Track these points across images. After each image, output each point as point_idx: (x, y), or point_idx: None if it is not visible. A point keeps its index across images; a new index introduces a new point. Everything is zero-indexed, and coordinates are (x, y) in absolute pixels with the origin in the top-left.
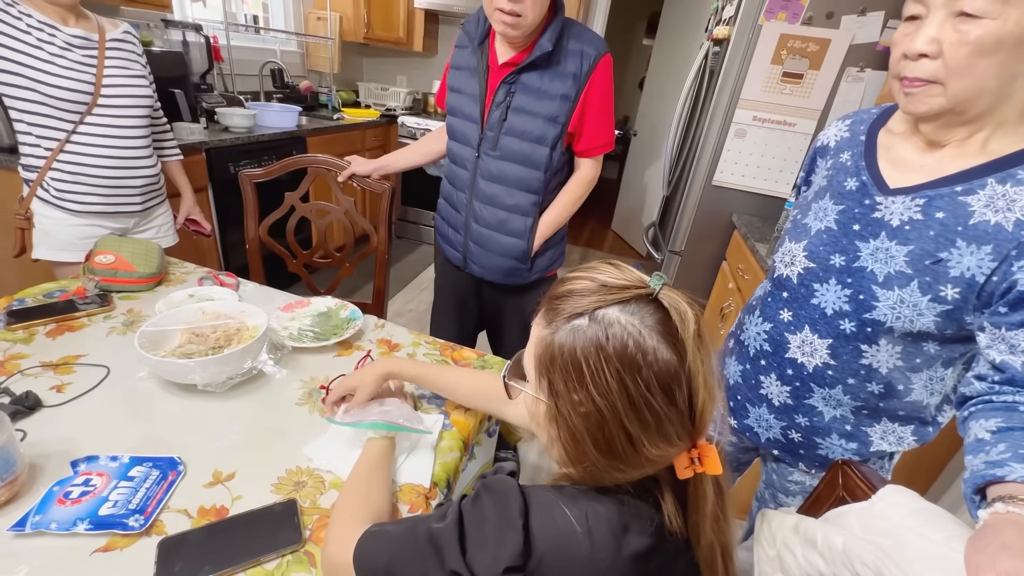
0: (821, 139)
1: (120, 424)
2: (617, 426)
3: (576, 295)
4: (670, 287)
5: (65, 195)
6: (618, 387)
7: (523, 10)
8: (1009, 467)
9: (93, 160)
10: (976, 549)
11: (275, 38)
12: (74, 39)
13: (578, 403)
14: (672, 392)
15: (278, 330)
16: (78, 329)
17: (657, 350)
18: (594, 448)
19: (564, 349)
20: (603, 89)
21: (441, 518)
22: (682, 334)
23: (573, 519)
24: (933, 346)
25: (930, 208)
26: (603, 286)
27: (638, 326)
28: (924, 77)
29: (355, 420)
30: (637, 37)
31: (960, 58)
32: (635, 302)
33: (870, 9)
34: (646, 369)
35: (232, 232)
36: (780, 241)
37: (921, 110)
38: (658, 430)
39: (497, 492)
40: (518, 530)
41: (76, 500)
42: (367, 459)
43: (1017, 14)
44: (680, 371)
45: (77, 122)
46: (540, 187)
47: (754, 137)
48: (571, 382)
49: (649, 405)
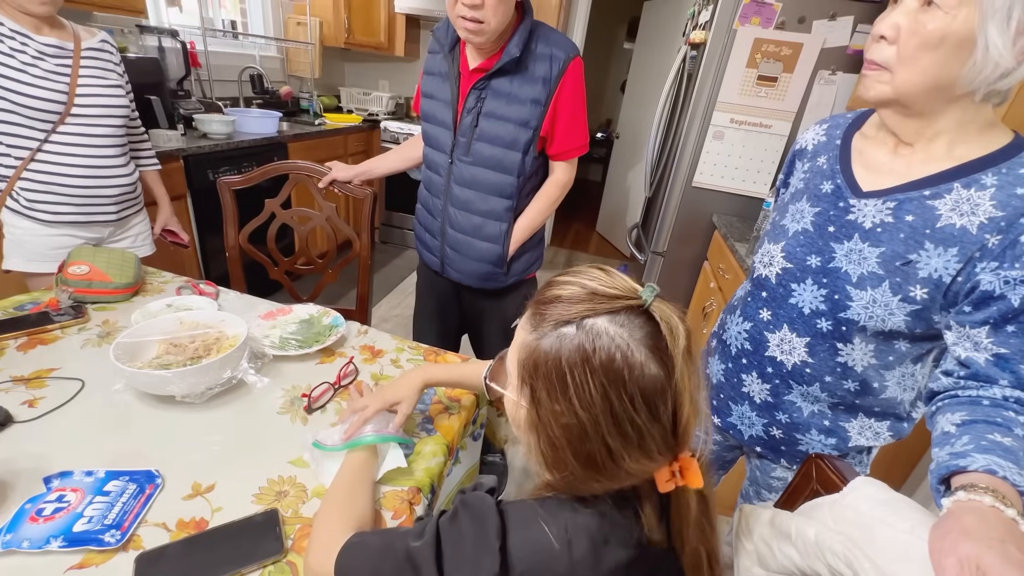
0: (799, 142)
1: (95, 438)
2: (598, 440)
3: (564, 301)
4: (662, 299)
5: (36, 205)
6: (602, 401)
7: (484, 16)
8: (971, 458)
9: (66, 170)
10: (939, 535)
11: (254, 43)
12: (47, 48)
13: (560, 413)
14: (656, 408)
15: (259, 338)
16: (51, 342)
17: (644, 365)
18: (573, 459)
19: (549, 357)
20: (574, 92)
21: (419, 535)
22: (671, 349)
23: (552, 536)
24: (904, 344)
25: (900, 211)
26: (593, 293)
27: (626, 339)
28: (879, 61)
29: (353, 440)
30: (618, 41)
31: (910, 47)
32: (625, 313)
33: (840, 14)
34: (631, 384)
35: (212, 240)
36: (759, 242)
37: (870, 95)
38: (640, 445)
39: (474, 510)
40: (495, 552)
41: (49, 517)
42: (349, 467)
43: (966, 13)
44: (666, 387)
45: (49, 131)
46: (514, 192)
47: (732, 139)
48: (554, 392)
49: (632, 421)
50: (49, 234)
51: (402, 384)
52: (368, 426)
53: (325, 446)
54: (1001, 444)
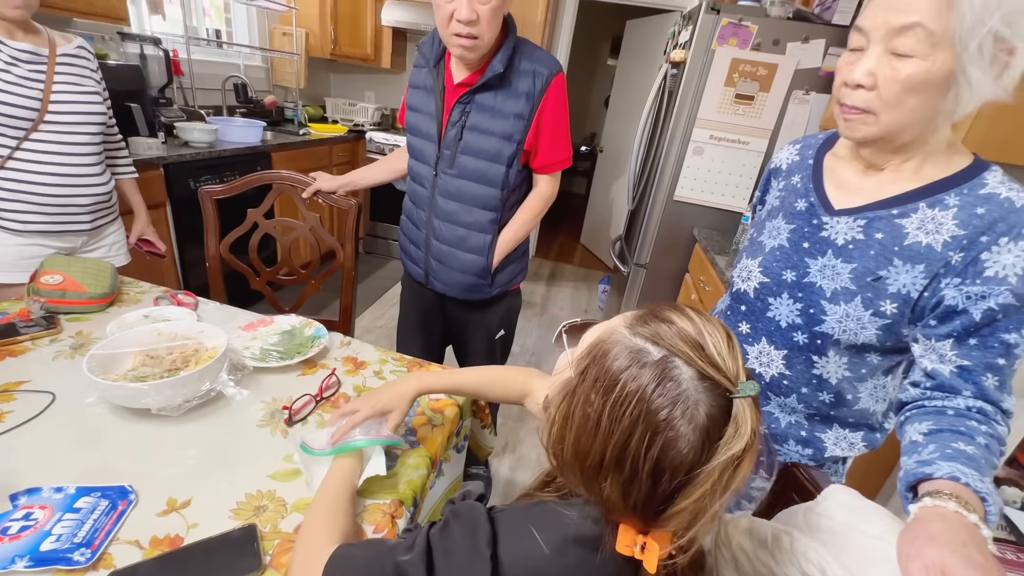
0: (774, 161)
1: (66, 453)
2: (599, 447)
3: (674, 328)
4: (752, 403)
5: (6, 214)
6: (627, 427)
7: (480, 32)
8: (936, 465)
9: (38, 177)
10: (906, 541)
11: (239, 52)
12: (20, 53)
13: (589, 402)
14: (661, 474)
15: (239, 350)
16: (20, 354)
17: (685, 437)
18: (572, 444)
19: (619, 357)
20: (557, 107)
21: (409, 548)
22: (719, 445)
23: (542, 542)
24: (875, 356)
25: (870, 229)
26: (701, 347)
27: (692, 405)
28: (860, 106)
29: (341, 444)
30: (602, 57)
31: (892, 93)
32: (711, 384)
33: (812, 37)
34: (659, 437)
35: (191, 250)
36: (738, 257)
37: (856, 136)
38: (623, 483)
39: (465, 520)
40: (486, 560)
41: (15, 536)
42: (335, 476)
43: (943, 57)
44: (687, 469)
45: (21, 138)
46: (498, 204)
47: (711, 155)
48: (600, 383)
49: (634, 461)
50: (19, 243)
51: (395, 392)
52: (357, 430)
53: (312, 450)
54: (964, 452)
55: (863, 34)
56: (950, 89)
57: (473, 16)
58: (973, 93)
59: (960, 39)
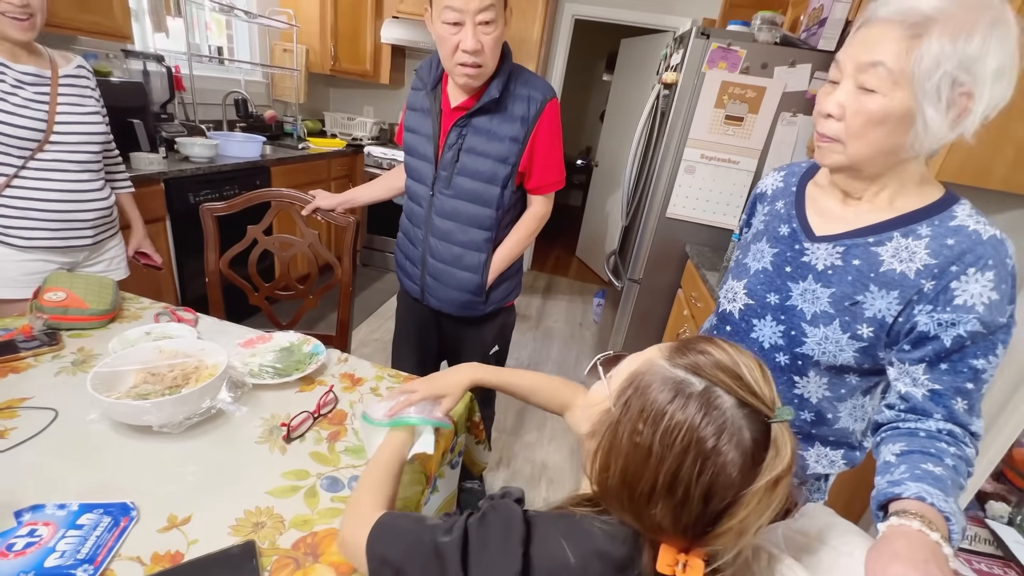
0: (760, 187)
1: (69, 470)
2: (651, 474)
3: (712, 359)
4: (787, 427)
5: (11, 231)
6: (680, 452)
7: (484, 60)
8: (905, 485)
9: (42, 195)
10: (873, 558)
11: (240, 68)
12: (25, 76)
13: (638, 432)
14: (712, 496)
15: (238, 367)
16: (23, 370)
17: (730, 463)
18: (620, 472)
19: (664, 389)
20: (550, 131)
21: (447, 531)
22: (762, 467)
23: (569, 551)
24: (854, 378)
25: (848, 255)
26: (739, 377)
27: (735, 432)
28: (830, 135)
29: (397, 419)
30: (598, 72)
31: (856, 124)
32: (750, 411)
33: (799, 62)
34: (710, 463)
35: (190, 263)
36: (724, 278)
37: (826, 162)
38: (675, 508)
39: (502, 516)
40: (518, 556)
41: (20, 552)
42: (389, 447)
43: (901, 95)
44: (732, 491)
45: (27, 158)
46: (493, 224)
47: (703, 173)
48: (646, 415)
49: (687, 486)
50: (23, 259)
51: (451, 379)
52: (412, 408)
53: (372, 420)
54: (932, 473)
55: (839, 67)
56: (910, 126)
57: (478, 46)
58: (928, 132)
59: (917, 80)
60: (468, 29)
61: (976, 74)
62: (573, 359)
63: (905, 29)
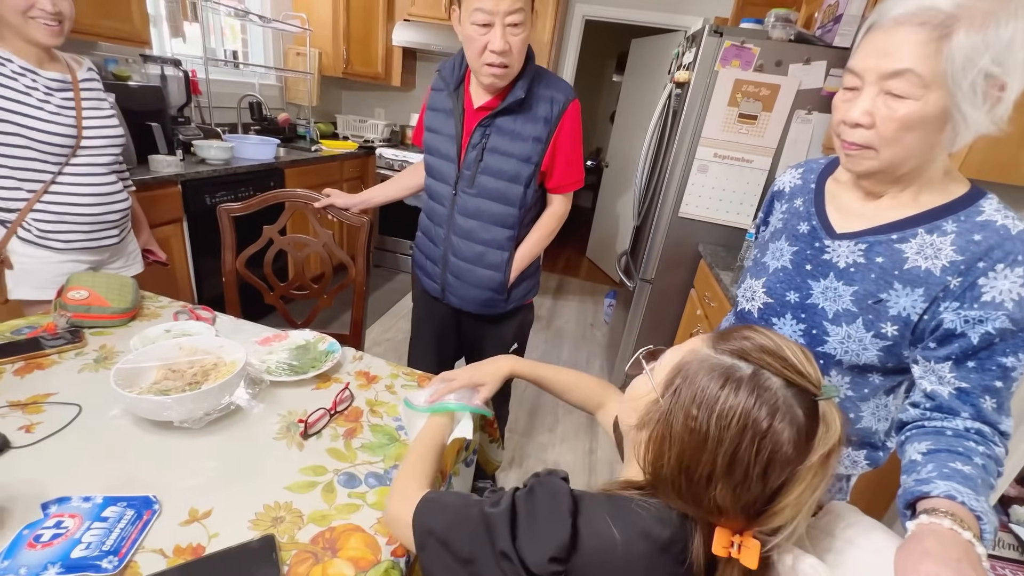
0: (777, 184)
1: (93, 464)
2: (709, 456)
3: (755, 345)
4: (834, 404)
5: (49, 235)
6: (736, 433)
7: (511, 61)
8: (934, 484)
9: (77, 199)
10: (902, 556)
11: (254, 72)
12: (52, 83)
13: (692, 417)
14: (771, 473)
15: (256, 364)
16: (48, 367)
17: (786, 441)
18: (676, 458)
19: (713, 375)
20: (572, 131)
21: (495, 504)
22: (815, 442)
23: (615, 528)
24: (877, 377)
25: (871, 253)
26: (783, 359)
27: (787, 410)
28: (860, 143)
29: (437, 404)
30: (607, 73)
31: (890, 131)
32: (798, 390)
33: (814, 59)
34: (768, 440)
35: (206, 263)
36: (742, 277)
37: (858, 169)
38: (735, 488)
39: (549, 489)
40: (567, 526)
41: (47, 543)
42: (431, 430)
43: (935, 97)
44: (788, 467)
45: (63, 164)
46: (515, 222)
47: (715, 172)
48: (699, 400)
49: (747, 465)
50: (59, 261)
51: (490, 368)
52: (452, 395)
53: (414, 405)
54: (961, 472)
55: (857, 75)
56: (946, 124)
57: (506, 47)
58: (969, 128)
59: (952, 79)
60: (497, 30)
61: (1006, 63)
62: (584, 360)
63: (929, 30)
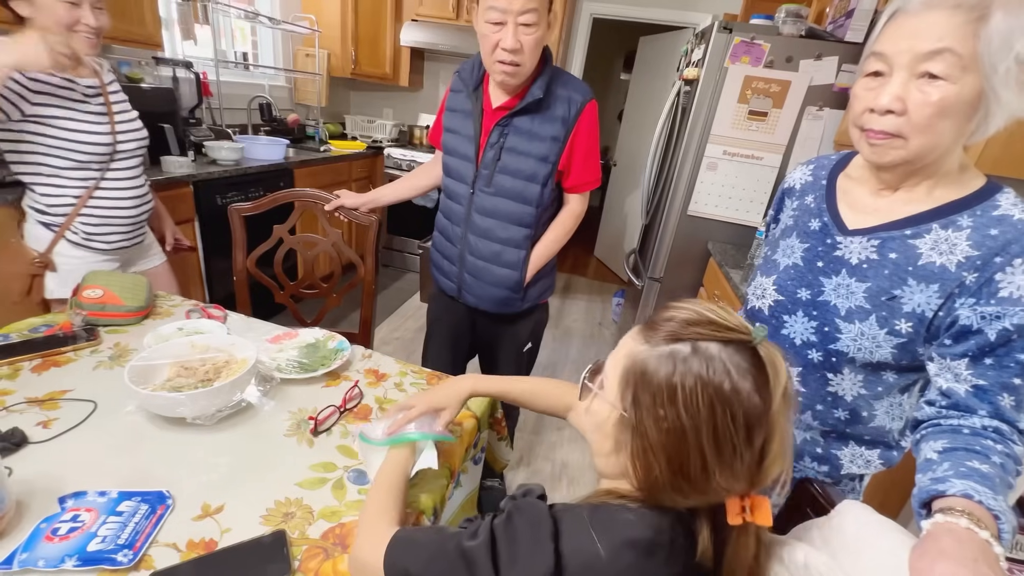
0: (788, 181)
1: (108, 459)
2: (696, 448)
3: (680, 322)
4: (768, 341)
5: (94, 237)
6: (708, 414)
7: (522, 60)
8: (950, 483)
9: (119, 202)
10: (918, 556)
11: (264, 74)
12: (88, 89)
13: (662, 418)
14: (753, 433)
15: (266, 362)
16: (64, 364)
17: (750, 393)
18: (667, 464)
19: (660, 368)
20: (589, 131)
21: (473, 535)
22: (772, 385)
23: (599, 545)
24: (891, 375)
25: (884, 249)
26: (709, 322)
27: (736, 366)
28: (889, 131)
29: (396, 436)
30: (615, 71)
31: (924, 117)
32: (735, 345)
33: (825, 54)
34: (737, 406)
35: (217, 263)
36: (752, 275)
37: (884, 160)
38: (730, 464)
39: (528, 514)
40: (549, 552)
41: (64, 536)
42: (392, 464)
43: (971, 80)
44: (763, 417)
45: (105, 169)
46: (532, 221)
47: (725, 170)
48: (660, 398)
49: (731, 438)
50: (99, 261)
51: (449, 391)
52: (411, 425)
53: (371, 440)
54: (979, 471)
55: (884, 60)
56: (977, 111)
57: (517, 45)
58: (1003, 112)
59: (989, 62)
60: (509, 28)
61: None
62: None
63: (965, 12)
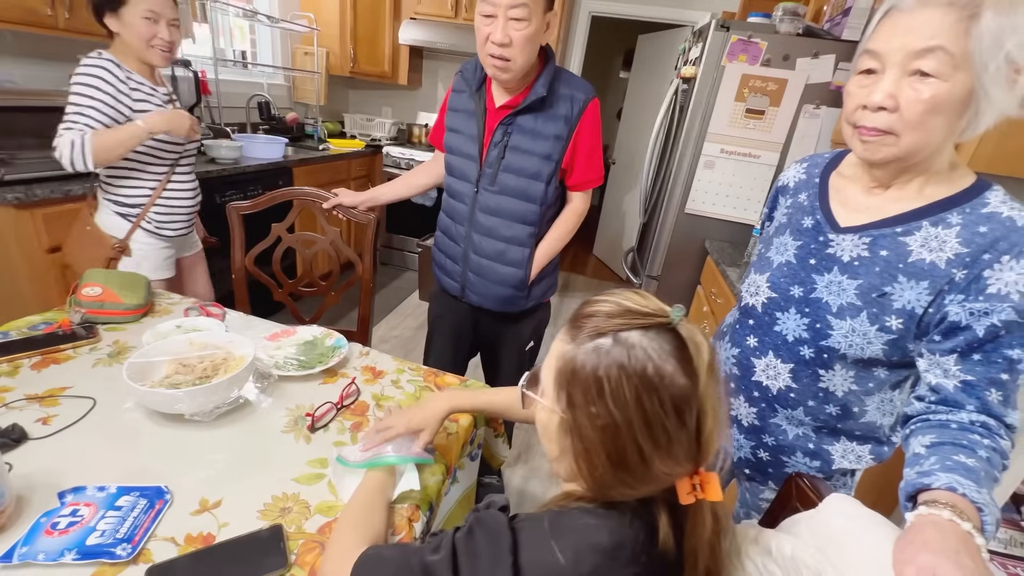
0: (781, 180)
1: (107, 455)
2: (631, 440)
3: (602, 316)
4: (687, 319)
5: (164, 225)
6: (635, 404)
7: (512, 55)
8: (935, 476)
9: (184, 194)
10: (901, 547)
11: (263, 72)
12: (164, 96)
13: (595, 415)
14: (683, 414)
15: (264, 359)
16: (63, 361)
17: (673, 375)
18: (607, 460)
19: (587, 365)
20: (592, 130)
21: (435, 550)
22: (696, 363)
23: (559, 553)
24: (882, 371)
25: (875, 246)
26: (628, 311)
27: (657, 350)
28: (881, 128)
29: (373, 459)
30: (614, 70)
31: (915, 114)
32: (655, 329)
33: (822, 53)
34: (663, 390)
35: (216, 260)
36: (746, 272)
37: (876, 157)
38: (667, 448)
39: (488, 528)
40: (508, 567)
41: (64, 530)
42: (368, 486)
43: (962, 78)
44: (692, 396)
45: (176, 164)
46: (536, 219)
47: (722, 168)
48: (590, 395)
49: (662, 424)
50: (163, 247)
51: (428, 411)
52: (389, 446)
53: (347, 462)
54: (964, 464)
55: (877, 58)
56: (968, 108)
57: (506, 40)
58: (993, 110)
59: (980, 61)
60: (499, 22)
61: None
62: None
63: (958, 10)
